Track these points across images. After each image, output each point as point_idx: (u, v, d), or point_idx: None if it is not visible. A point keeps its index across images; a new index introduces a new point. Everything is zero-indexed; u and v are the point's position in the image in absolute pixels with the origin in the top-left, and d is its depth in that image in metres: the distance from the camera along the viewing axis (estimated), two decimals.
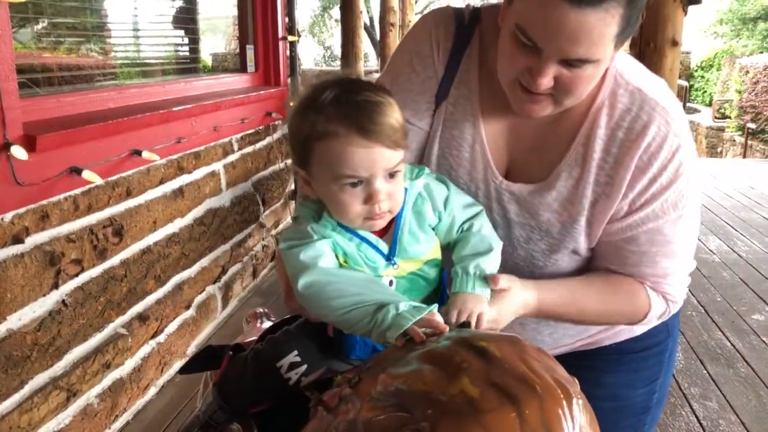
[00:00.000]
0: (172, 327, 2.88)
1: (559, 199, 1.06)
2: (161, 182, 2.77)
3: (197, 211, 3.13)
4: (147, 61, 3.37)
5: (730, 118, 12.23)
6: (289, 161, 4.39)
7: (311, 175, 0.93)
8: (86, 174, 2.10)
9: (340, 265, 0.92)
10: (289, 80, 4.28)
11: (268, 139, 4.07)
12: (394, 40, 11.07)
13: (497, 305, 0.96)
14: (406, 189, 0.96)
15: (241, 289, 3.70)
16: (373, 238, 0.94)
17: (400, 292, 0.93)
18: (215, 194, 3.34)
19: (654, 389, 1.31)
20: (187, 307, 3.03)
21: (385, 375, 0.74)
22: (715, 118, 12.96)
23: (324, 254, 0.91)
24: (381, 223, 0.93)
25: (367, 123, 0.87)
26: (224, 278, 3.44)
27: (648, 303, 1.10)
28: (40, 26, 2.59)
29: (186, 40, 3.84)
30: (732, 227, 5.49)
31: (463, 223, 1.01)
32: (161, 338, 2.78)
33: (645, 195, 1.02)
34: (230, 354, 1.15)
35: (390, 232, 0.96)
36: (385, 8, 9.73)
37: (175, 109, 2.77)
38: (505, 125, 1.10)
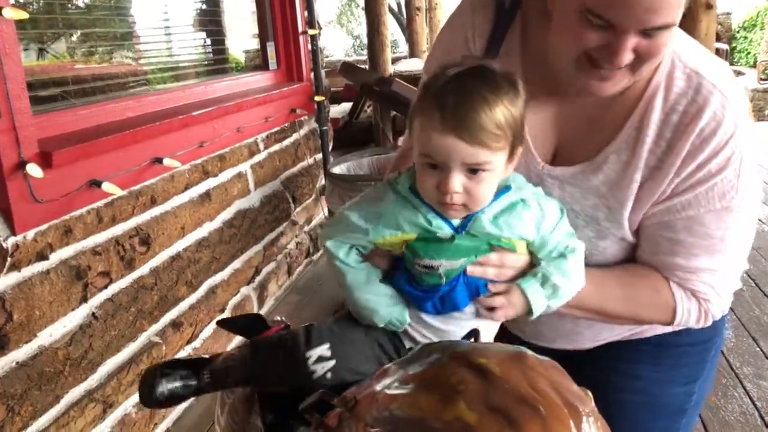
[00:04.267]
0: (207, 331, 2.88)
1: (607, 183, 1.01)
2: (187, 188, 2.76)
3: (226, 214, 3.13)
4: (170, 65, 3.37)
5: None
6: (317, 156, 4.36)
7: (412, 134, 0.92)
8: (106, 186, 2.09)
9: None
10: (312, 75, 4.24)
11: (294, 136, 4.04)
12: (421, 24, 10.96)
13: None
14: (503, 192, 0.92)
15: (276, 288, 3.69)
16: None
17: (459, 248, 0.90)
18: (244, 195, 3.33)
19: (692, 390, 1.23)
20: (222, 311, 3.03)
21: (382, 396, 0.69)
22: (761, 79, 12.44)
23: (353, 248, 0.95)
24: (454, 214, 0.90)
25: (451, 112, 0.83)
26: (258, 279, 3.44)
27: (672, 299, 1.02)
28: (70, 39, 2.60)
29: (209, 41, 3.85)
30: None
31: (559, 251, 0.95)
32: (197, 343, 2.79)
33: (690, 180, 0.96)
34: (283, 326, 1.09)
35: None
36: None
37: (195, 113, 2.76)
38: (550, 111, 1.05)
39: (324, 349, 0.94)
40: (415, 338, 0.97)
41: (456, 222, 0.90)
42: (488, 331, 0.99)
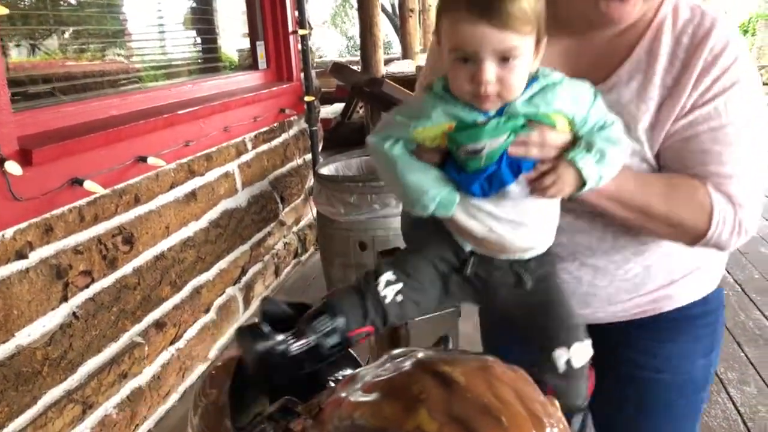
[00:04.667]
0: (191, 332, 2.86)
1: (619, 104, 1.03)
2: (172, 187, 2.74)
3: (212, 214, 3.11)
4: (158, 64, 3.35)
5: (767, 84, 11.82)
6: (307, 156, 4.34)
7: (441, 46, 0.93)
8: (88, 185, 2.07)
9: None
10: (302, 74, 4.22)
11: (283, 136, 4.03)
12: (414, 26, 10.95)
13: None
14: (532, 81, 0.93)
15: (263, 289, 3.67)
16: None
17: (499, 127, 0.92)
18: (230, 195, 3.31)
19: (711, 361, 1.24)
20: (207, 311, 3.01)
21: (346, 403, 0.68)
22: None
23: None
24: (490, 105, 0.91)
25: (477, 1, 0.85)
26: (244, 279, 3.42)
27: (710, 201, 1.03)
28: (61, 36, 2.58)
29: (200, 40, 3.83)
30: None
31: (599, 125, 0.96)
32: (180, 344, 2.77)
33: (707, 94, 1.01)
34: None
35: None
36: None
37: (181, 112, 2.74)
38: (560, 47, 1.08)
39: (389, 275, 0.99)
40: (472, 230, 0.98)
41: (491, 112, 0.92)
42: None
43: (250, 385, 1.07)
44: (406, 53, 10.52)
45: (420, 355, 0.69)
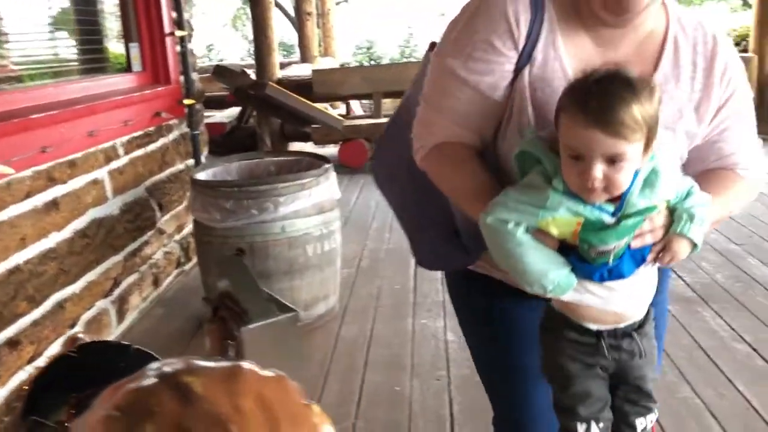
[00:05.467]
0: (53, 349, 2.69)
1: (668, 115, 1.13)
2: (28, 196, 2.58)
3: (78, 223, 2.95)
4: (21, 64, 3.16)
5: None
6: (190, 162, 4.21)
7: (557, 130, 1.04)
8: None
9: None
10: (182, 77, 4.10)
11: (162, 141, 3.89)
12: (312, 29, 10.90)
13: None
14: (638, 171, 1.03)
15: (140, 300, 3.52)
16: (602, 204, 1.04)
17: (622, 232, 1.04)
18: (100, 203, 3.15)
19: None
20: (72, 326, 2.85)
21: (90, 420, 0.63)
22: None
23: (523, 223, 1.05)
24: (596, 198, 1.01)
25: (593, 108, 0.96)
26: (117, 291, 3.26)
27: (754, 185, 1.27)
28: None
29: (78, 40, 3.64)
30: None
31: (685, 191, 1.10)
32: (41, 362, 2.60)
33: (725, 96, 1.18)
34: None
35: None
36: None
37: (35, 116, 2.58)
38: (588, 55, 1.14)
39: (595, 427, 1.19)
40: (589, 304, 1.13)
41: (610, 207, 1.03)
42: None
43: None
44: (305, 56, 10.46)
45: (168, 366, 0.65)
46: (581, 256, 1.06)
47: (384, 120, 7.33)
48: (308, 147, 6.82)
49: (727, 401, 2.51)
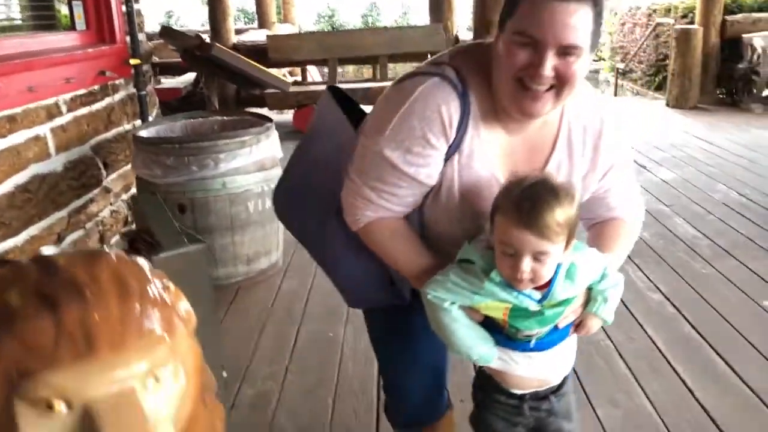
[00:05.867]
0: None
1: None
2: None
3: (19, 178, 2.98)
4: None
5: (604, 60, 12.73)
6: (137, 122, 4.24)
7: (493, 228, 1.21)
8: None
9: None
10: (128, 38, 4.10)
11: (107, 100, 3.90)
12: None
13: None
14: (560, 265, 1.22)
15: None
16: (529, 291, 1.23)
17: (545, 320, 1.26)
18: (42, 159, 3.18)
19: None
20: None
21: None
22: (593, 60, 13.44)
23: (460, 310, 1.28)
24: (524, 287, 1.20)
25: (525, 214, 1.14)
26: (61, 246, 3.31)
27: (636, 227, 1.49)
28: None
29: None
30: None
31: (600, 275, 1.31)
32: None
33: (610, 163, 1.39)
34: None
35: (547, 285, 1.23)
36: None
37: None
38: (503, 147, 1.33)
39: None
40: (515, 373, 1.35)
41: (537, 295, 1.21)
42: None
43: None
44: (262, 22, 10.40)
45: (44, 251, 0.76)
46: (508, 335, 1.28)
47: (339, 86, 7.37)
48: (263, 113, 6.86)
49: (635, 343, 2.71)
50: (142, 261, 0.78)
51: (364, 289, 1.54)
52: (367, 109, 1.49)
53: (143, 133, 3.37)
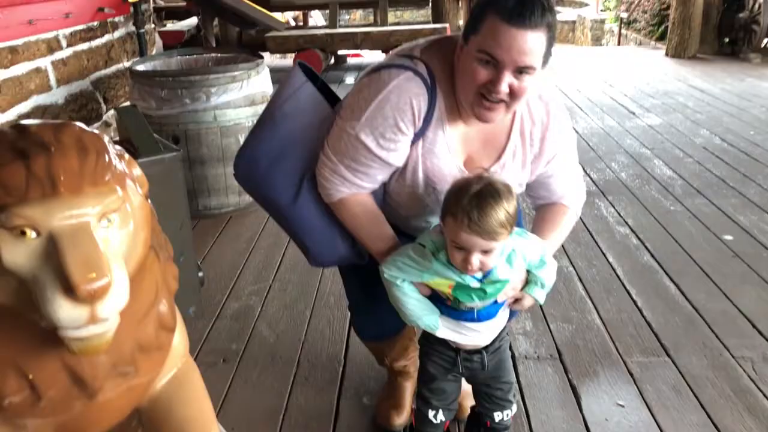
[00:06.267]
0: None
1: (513, 172, 1.57)
2: None
3: (21, 108, 3.16)
4: None
5: (609, 9, 12.63)
6: (136, 60, 4.38)
7: (445, 226, 1.39)
8: None
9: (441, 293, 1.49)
10: None
11: (107, 37, 4.06)
12: None
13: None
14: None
15: None
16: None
17: (485, 296, 1.45)
18: (44, 91, 3.36)
19: None
20: None
21: None
22: (600, 11, 13.32)
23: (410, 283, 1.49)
24: (473, 273, 1.40)
25: (473, 220, 1.31)
26: None
27: (575, 214, 1.71)
28: None
29: None
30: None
31: (540, 260, 1.51)
32: None
33: (555, 152, 1.58)
34: None
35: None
36: None
37: None
38: (463, 136, 1.54)
39: (433, 413, 1.67)
40: (455, 340, 1.56)
41: (479, 275, 1.41)
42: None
43: None
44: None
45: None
46: (452, 306, 1.49)
47: (340, 30, 7.47)
48: (265, 56, 6.97)
49: (595, 269, 2.90)
50: (103, 134, 0.95)
51: (329, 251, 1.69)
52: (334, 88, 1.62)
53: (140, 67, 3.52)
